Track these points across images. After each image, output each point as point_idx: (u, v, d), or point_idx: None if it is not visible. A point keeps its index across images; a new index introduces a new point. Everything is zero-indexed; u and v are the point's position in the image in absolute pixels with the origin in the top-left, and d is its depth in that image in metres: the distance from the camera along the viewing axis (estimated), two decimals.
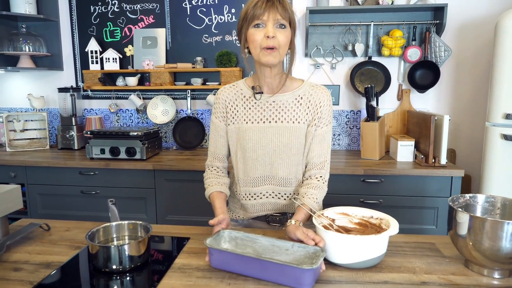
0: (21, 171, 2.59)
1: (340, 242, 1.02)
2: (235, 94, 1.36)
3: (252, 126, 1.32)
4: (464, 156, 2.81)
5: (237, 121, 1.34)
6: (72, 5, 3.03)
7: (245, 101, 1.34)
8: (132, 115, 3.12)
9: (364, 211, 1.20)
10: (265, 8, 1.17)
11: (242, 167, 1.35)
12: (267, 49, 1.20)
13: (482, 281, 0.99)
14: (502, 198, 1.11)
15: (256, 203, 1.38)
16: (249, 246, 1.10)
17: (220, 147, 1.40)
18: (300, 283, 0.93)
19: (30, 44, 2.96)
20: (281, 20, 1.19)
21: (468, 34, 2.70)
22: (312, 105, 1.31)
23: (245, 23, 1.21)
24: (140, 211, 2.54)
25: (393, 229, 1.05)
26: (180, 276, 1.00)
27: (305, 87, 1.33)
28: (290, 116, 1.31)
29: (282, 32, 1.20)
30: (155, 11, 2.95)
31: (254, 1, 1.19)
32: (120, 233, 1.15)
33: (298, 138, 1.31)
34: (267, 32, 1.18)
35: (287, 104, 1.31)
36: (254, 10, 1.18)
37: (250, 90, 1.34)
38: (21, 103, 3.22)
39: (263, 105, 1.32)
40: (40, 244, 1.21)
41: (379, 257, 1.04)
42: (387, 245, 1.07)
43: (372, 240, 1.01)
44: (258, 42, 1.20)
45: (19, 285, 0.96)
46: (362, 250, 1.01)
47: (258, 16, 1.18)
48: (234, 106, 1.35)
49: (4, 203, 1.19)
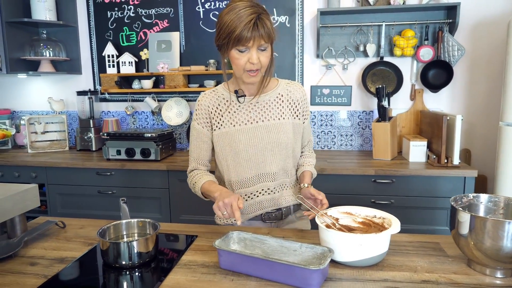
0: (42, 171, 2.69)
1: (341, 240, 1.04)
2: (217, 99, 1.39)
3: (240, 128, 1.36)
4: (479, 156, 2.77)
5: (223, 125, 1.37)
6: (90, 11, 3.13)
7: (228, 105, 1.38)
8: (148, 117, 3.20)
9: (367, 211, 1.22)
10: (251, 33, 1.17)
11: (235, 170, 1.38)
12: (250, 72, 1.25)
13: (484, 280, 0.99)
14: (505, 197, 1.11)
15: (253, 202, 1.40)
16: (257, 247, 1.12)
17: (204, 153, 1.43)
18: (308, 283, 0.94)
19: (50, 49, 3.07)
20: (264, 44, 1.22)
21: (482, 33, 2.66)
22: (294, 101, 1.42)
23: (228, 42, 1.20)
24: (155, 211, 2.61)
25: (394, 228, 1.06)
26: (185, 272, 1.04)
27: (283, 85, 1.43)
28: (275, 114, 1.38)
29: (264, 54, 1.24)
30: (169, 15, 3.02)
31: (240, 20, 1.17)
32: (130, 230, 1.20)
33: (286, 133, 1.38)
34: (251, 58, 1.22)
35: (270, 103, 1.39)
36: (240, 33, 1.17)
37: (232, 94, 1.38)
38: (42, 106, 3.35)
39: (248, 107, 1.37)
40: (55, 241, 1.27)
41: (380, 255, 1.06)
42: (390, 244, 1.08)
43: (372, 238, 1.03)
44: (241, 65, 1.24)
45: (34, 279, 1.01)
46: (363, 248, 1.03)
47: (243, 42, 1.18)
48: (218, 111, 1.38)
49: (22, 202, 1.26)
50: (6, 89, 3.39)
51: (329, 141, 2.96)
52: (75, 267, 1.09)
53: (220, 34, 1.23)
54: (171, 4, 3.00)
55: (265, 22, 1.19)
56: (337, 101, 2.89)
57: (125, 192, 2.60)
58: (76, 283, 1.01)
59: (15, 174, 2.72)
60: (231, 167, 1.39)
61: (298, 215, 1.48)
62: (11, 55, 2.91)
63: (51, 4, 2.99)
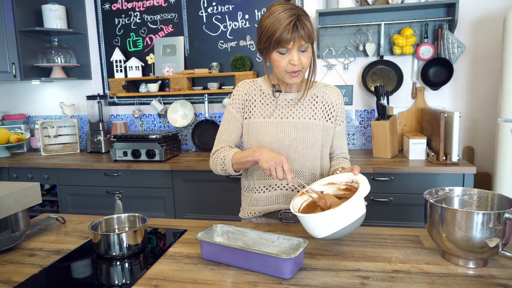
0: (54, 173, 2.82)
1: (308, 221, 1.08)
2: (255, 89, 1.43)
3: (270, 121, 1.39)
4: (482, 154, 2.75)
5: (254, 115, 1.41)
6: (98, 19, 3.26)
7: (264, 97, 1.42)
8: (155, 119, 3.30)
9: (346, 177, 1.24)
10: (291, 34, 1.20)
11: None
12: (291, 73, 1.28)
13: (456, 270, 1.02)
14: (478, 190, 1.13)
15: (270, 195, 1.43)
16: (239, 239, 1.18)
17: (233, 137, 1.44)
18: (281, 272, 1.00)
19: (62, 56, 3.21)
20: (305, 45, 1.25)
21: (482, 30, 2.66)
22: (328, 103, 1.43)
23: (269, 45, 1.24)
24: (160, 210, 2.69)
25: (358, 194, 1.08)
26: (170, 262, 1.11)
27: (320, 87, 1.45)
28: (306, 113, 1.40)
29: (305, 55, 1.27)
30: (174, 20, 3.12)
31: (280, 23, 1.20)
32: (121, 224, 1.28)
33: (314, 133, 1.39)
34: (292, 60, 1.25)
35: (304, 103, 1.41)
36: (280, 36, 1.20)
37: (269, 88, 1.42)
38: (54, 111, 3.49)
39: (281, 102, 1.41)
40: (55, 235, 1.36)
41: (356, 221, 1.07)
42: (369, 236, 1.12)
43: (333, 213, 1.04)
44: (283, 67, 1.28)
45: (31, 268, 1.10)
46: (332, 222, 1.06)
47: (284, 44, 1.22)
48: (253, 101, 1.42)
49: (25, 198, 1.35)
50: (21, 95, 3.56)
51: None
52: (69, 258, 1.17)
53: (261, 38, 1.27)
54: (175, 10, 3.10)
55: (304, 23, 1.21)
56: None
57: (131, 192, 2.70)
58: (69, 272, 1.09)
59: (29, 176, 2.86)
60: None
61: None
62: (25, 63, 3.05)
63: (62, 13, 3.13)
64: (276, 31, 1.21)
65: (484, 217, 0.96)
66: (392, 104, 2.83)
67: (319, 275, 1.01)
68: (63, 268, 1.11)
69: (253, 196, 1.45)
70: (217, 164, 1.38)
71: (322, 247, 1.18)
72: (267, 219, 1.48)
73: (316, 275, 1.01)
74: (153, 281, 1.00)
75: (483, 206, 1.12)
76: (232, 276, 1.02)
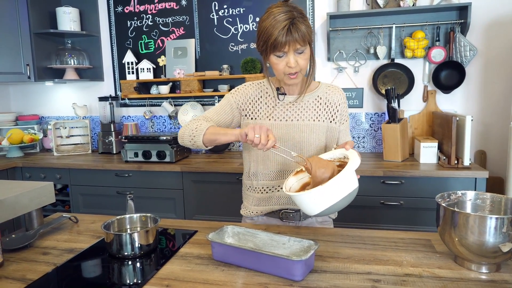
0: (66, 173, 2.85)
1: (300, 199, 1.08)
2: (261, 91, 1.44)
3: (275, 123, 1.41)
4: (495, 158, 2.72)
5: (259, 117, 1.42)
6: (111, 21, 3.30)
7: (269, 100, 1.43)
8: (165, 121, 3.33)
9: (338, 153, 1.25)
10: (285, 38, 1.20)
11: (263, 161, 1.43)
12: (290, 75, 1.30)
13: (468, 275, 1.01)
14: (491, 195, 1.12)
15: (273, 195, 1.45)
16: (250, 241, 1.19)
17: (219, 119, 1.43)
18: (292, 273, 1.00)
19: (75, 58, 3.26)
20: (301, 48, 1.25)
21: (495, 33, 2.63)
22: (331, 103, 1.43)
23: (266, 48, 1.26)
24: (170, 211, 2.71)
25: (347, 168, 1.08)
26: (181, 263, 1.12)
27: (323, 88, 1.45)
28: (311, 115, 1.41)
29: (301, 57, 1.27)
30: (185, 23, 3.14)
31: (275, 27, 1.21)
32: (133, 224, 1.29)
33: (318, 134, 1.40)
34: (289, 62, 1.25)
35: (308, 104, 1.42)
36: (275, 40, 1.21)
37: (274, 90, 1.43)
38: (67, 112, 3.54)
39: (286, 105, 1.42)
40: (68, 234, 1.38)
41: (351, 193, 1.09)
42: (380, 240, 1.11)
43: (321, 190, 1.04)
44: (281, 70, 1.29)
45: (45, 266, 1.12)
46: (323, 199, 1.06)
47: (279, 48, 1.22)
48: (259, 102, 1.43)
49: (39, 197, 1.37)
50: (34, 96, 3.61)
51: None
52: (82, 257, 1.18)
53: (259, 41, 1.29)
54: (186, 12, 3.12)
55: (298, 27, 1.21)
56: (348, 104, 2.91)
57: (142, 192, 2.72)
58: (82, 270, 1.10)
59: (41, 176, 2.90)
60: (260, 158, 1.43)
61: (320, 219, 1.50)
62: (39, 64, 3.11)
63: (75, 16, 3.18)
64: (271, 35, 1.21)
65: (498, 221, 0.95)
66: (403, 107, 2.82)
67: (329, 277, 1.01)
68: (76, 266, 1.12)
69: (256, 196, 1.48)
70: (184, 133, 1.37)
71: (332, 249, 1.18)
72: (268, 218, 1.50)
73: (326, 277, 1.01)
74: (165, 281, 1.01)
75: (496, 210, 1.11)
76: (243, 277, 1.02)
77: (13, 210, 1.26)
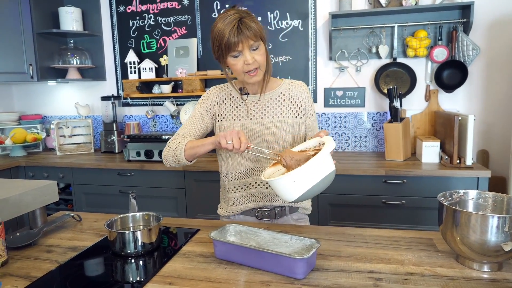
0: (68, 172, 2.87)
1: (278, 185, 1.10)
2: (225, 94, 1.48)
3: (239, 122, 1.44)
4: (497, 158, 2.71)
5: (225, 118, 1.46)
6: (113, 21, 3.31)
7: (233, 101, 1.47)
8: (167, 120, 3.34)
9: (314, 141, 1.26)
10: (237, 37, 1.24)
11: (232, 161, 1.47)
12: (250, 73, 1.31)
13: (470, 274, 1.01)
14: (493, 194, 1.12)
15: (246, 194, 1.48)
16: (252, 239, 1.19)
17: (195, 132, 1.47)
18: (294, 272, 1.01)
19: (77, 57, 3.27)
20: (254, 43, 1.28)
21: (498, 32, 2.62)
22: (295, 99, 1.46)
23: (222, 51, 1.29)
24: (172, 210, 2.72)
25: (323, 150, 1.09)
26: (183, 261, 1.12)
27: (286, 85, 1.48)
28: (275, 112, 1.44)
29: (257, 52, 1.30)
30: (187, 22, 3.15)
31: (225, 29, 1.24)
32: (136, 223, 1.30)
33: (284, 131, 1.43)
34: (245, 60, 1.28)
35: (271, 102, 1.45)
36: (227, 40, 1.24)
37: (237, 91, 1.46)
38: (69, 111, 3.56)
39: (250, 104, 1.45)
40: (71, 232, 1.38)
41: (327, 176, 1.10)
42: (382, 239, 1.12)
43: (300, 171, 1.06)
44: (240, 69, 1.31)
45: (49, 264, 1.13)
46: (304, 180, 1.07)
47: (233, 47, 1.26)
48: (223, 105, 1.47)
49: (42, 196, 1.38)
50: (37, 96, 3.63)
51: (343, 143, 2.99)
52: (85, 255, 1.19)
53: (214, 46, 1.32)
54: (188, 12, 3.13)
55: (248, 24, 1.25)
56: (350, 103, 2.91)
57: (144, 191, 2.73)
58: (85, 268, 1.11)
59: (44, 175, 2.91)
60: (229, 158, 1.47)
61: (295, 217, 1.52)
62: (42, 64, 3.12)
63: (78, 15, 3.19)
64: (223, 36, 1.25)
65: (500, 220, 0.95)
66: (405, 106, 2.82)
67: (331, 276, 1.02)
68: (80, 264, 1.13)
69: (230, 196, 1.50)
70: (167, 155, 1.40)
71: (334, 248, 1.19)
72: (244, 216, 1.52)
73: (328, 275, 1.02)
74: (168, 279, 1.02)
75: (498, 209, 1.11)
76: (245, 275, 1.03)
77: (17, 209, 1.27)
